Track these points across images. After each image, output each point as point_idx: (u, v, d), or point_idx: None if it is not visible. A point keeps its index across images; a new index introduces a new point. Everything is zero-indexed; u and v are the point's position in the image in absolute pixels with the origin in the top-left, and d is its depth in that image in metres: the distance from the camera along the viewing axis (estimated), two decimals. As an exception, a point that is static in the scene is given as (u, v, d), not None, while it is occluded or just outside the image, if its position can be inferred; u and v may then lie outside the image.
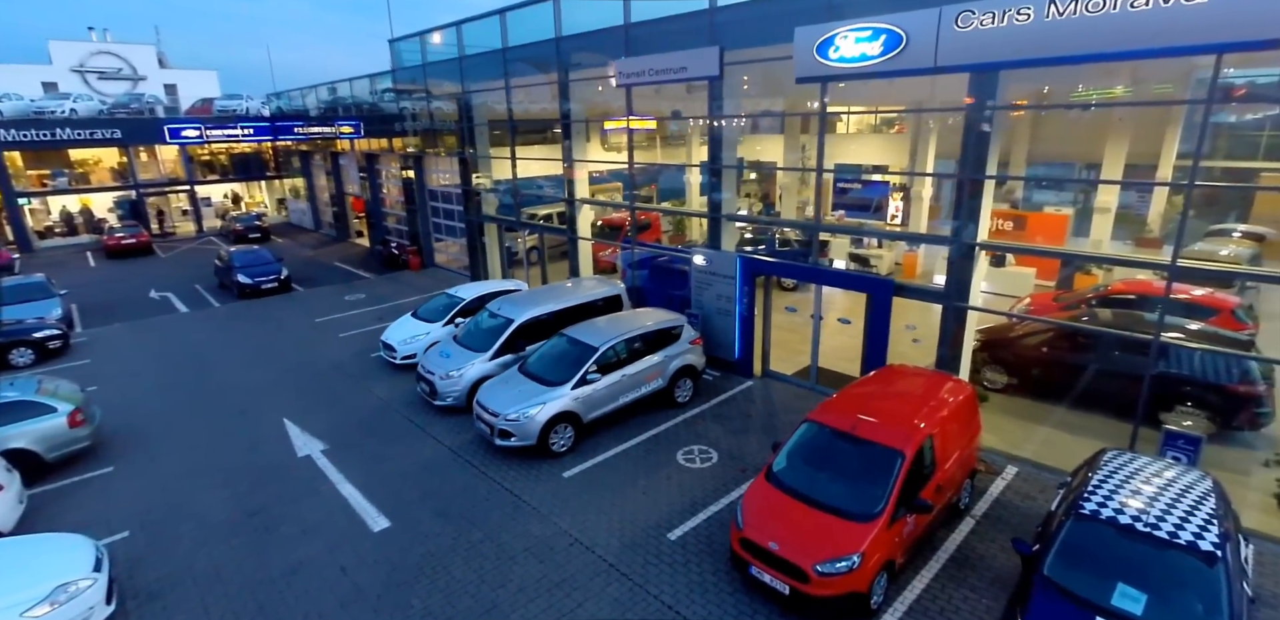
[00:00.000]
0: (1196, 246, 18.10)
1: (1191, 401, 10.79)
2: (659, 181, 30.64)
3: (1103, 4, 8.17)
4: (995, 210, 22.58)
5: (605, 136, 30.50)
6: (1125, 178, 26.72)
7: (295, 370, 15.60)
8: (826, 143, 32.96)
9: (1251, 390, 10.33)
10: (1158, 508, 6.64)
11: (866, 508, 7.40)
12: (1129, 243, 23.91)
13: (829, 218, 31.44)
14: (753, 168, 31.89)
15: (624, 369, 11.82)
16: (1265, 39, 7.33)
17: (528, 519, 9.53)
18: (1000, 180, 10.56)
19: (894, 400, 8.92)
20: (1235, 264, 15.75)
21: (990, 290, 19.30)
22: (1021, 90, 17.35)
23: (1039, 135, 26.11)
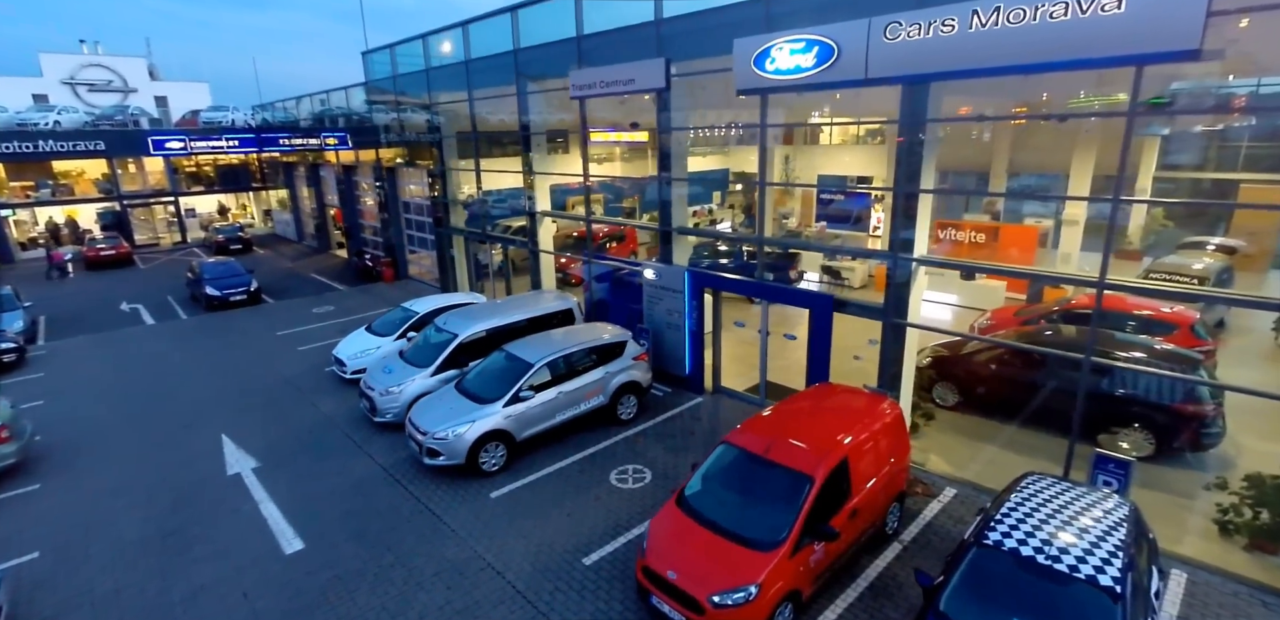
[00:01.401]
0: (1169, 259, 17.81)
1: (1138, 421, 10.48)
2: (644, 193, 30.49)
3: (1023, 15, 7.98)
4: (970, 222, 22.40)
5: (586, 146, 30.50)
6: (1099, 188, 26.53)
7: (246, 384, 15.41)
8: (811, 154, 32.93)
9: (1196, 410, 10.01)
10: (1063, 538, 6.33)
11: (769, 535, 7.12)
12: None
13: (809, 229, 31.33)
14: (696, 178, 31.62)
15: (561, 386, 11.58)
16: (1181, 50, 7.10)
17: (444, 541, 9.26)
18: (936, 193, 10.28)
19: (815, 421, 8.64)
20: (1202, 278, 15.47)
21: (959, 303, 19.07)
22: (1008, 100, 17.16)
23: (1019, 146, 25.91)
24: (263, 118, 35.88)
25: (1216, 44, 10.76)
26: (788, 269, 19.75)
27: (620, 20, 13.74)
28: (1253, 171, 22.83)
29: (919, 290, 10.54)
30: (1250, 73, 14.82)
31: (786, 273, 19.86)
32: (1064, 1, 7.65)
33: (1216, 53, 10.81)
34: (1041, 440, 11.11)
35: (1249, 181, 22.18)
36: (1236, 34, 10.16)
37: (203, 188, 38.01)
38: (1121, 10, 7.31)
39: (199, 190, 37.66)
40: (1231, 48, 11.52)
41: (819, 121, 26.16)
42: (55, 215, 34.91)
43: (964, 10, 8.41)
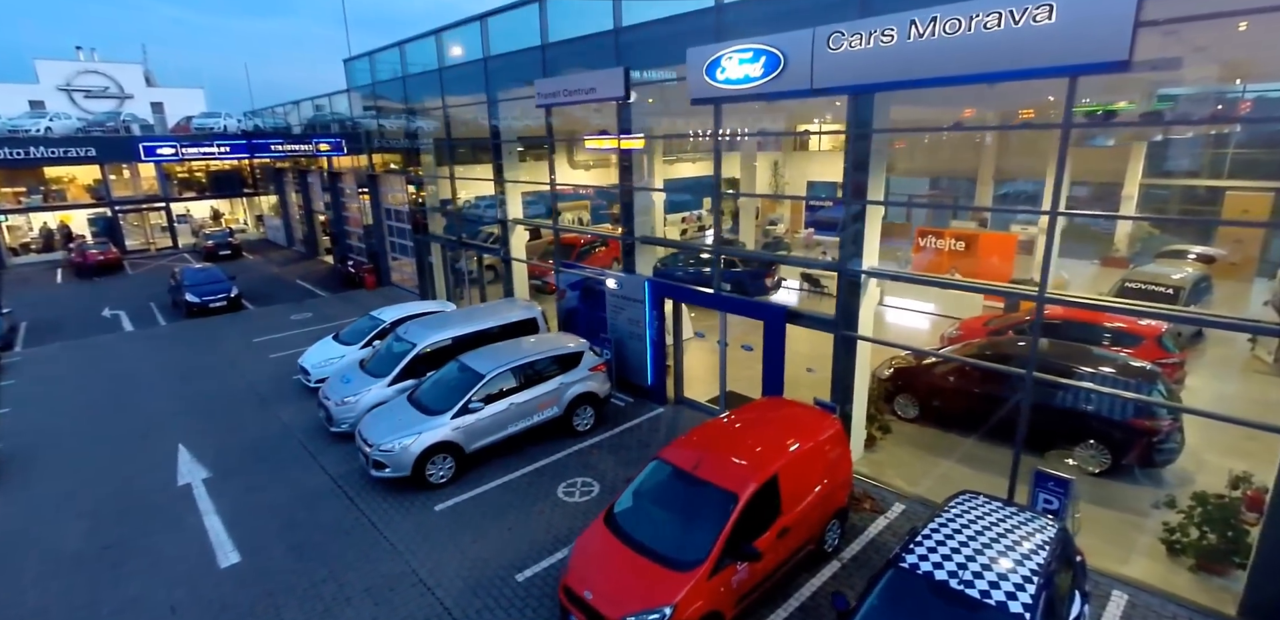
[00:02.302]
0: (1146, 268, 17.59)
1: (1092, 436, 10.30)
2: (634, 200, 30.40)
3: (959, 25, 7.85)
4: (951, 231, 22.24)
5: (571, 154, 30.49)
6: (1084, 195, 26.32)
7: (211, 392, 15.37)
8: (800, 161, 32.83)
9: (1150, 425, 9.81)
10: (980, 562, 6.17)
11: (689, 555, 6.99)
12: (1095, 262, 23.48)
13: (797, 235, 31.12)
14: (686, 185, 31.59)
15: (513, 397, 11.47)
16: (1111, 61, 6.96)
17: (381, 556, 9.16)
18: (884, 205, 10.17)
19: (750, 437, 8.49)
20: (1178, 287, 15.25)
21: (936, 312, 18.87)
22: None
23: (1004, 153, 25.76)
24: (254, 124, 36.04)
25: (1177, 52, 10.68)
26: (764, 276, 19.62)
27: (583, 29, 13.70)
28: (1239, 178, 22.55)
29: (870, 302, 10.39)
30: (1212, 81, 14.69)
31: (763, 281, 19.75)
32: (997, 12, 7.52)
33: (1173, 61, 10.74)
34: (999, 455, 10.89)
35: (1234, 188, 21.91)
36: (1206, 42, 10.07)
37: (195, 193, 38.18)
38: (1052, 21, 7.18)
39: (191, 196, 37.85)
40: (1200, 55, 11.45)
41: (780, 131, 25.88)
42: (50, 221, 35.10)
43: (903, 21, 8.29)
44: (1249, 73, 14.75)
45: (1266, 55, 12.11)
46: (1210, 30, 7.93)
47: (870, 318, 10.51)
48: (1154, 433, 9.83)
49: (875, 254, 10.29)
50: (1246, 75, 15.20)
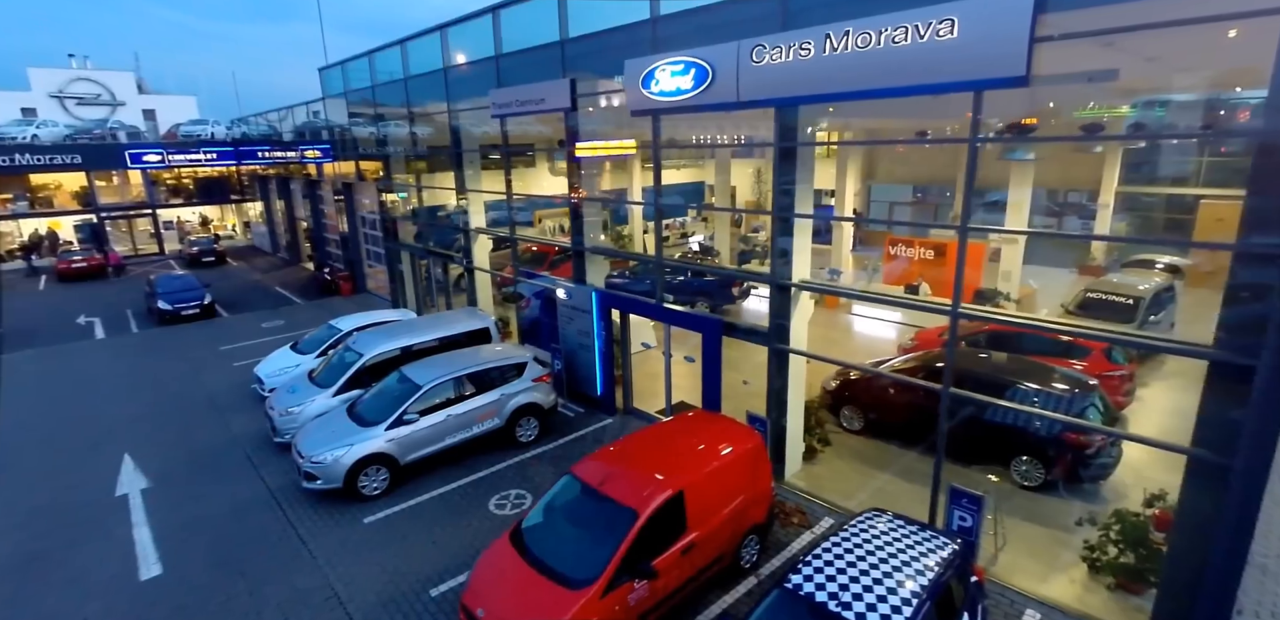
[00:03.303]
0: (1111, 277, 17.46)
1: (1025, 451, 10.21)
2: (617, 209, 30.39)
3: (870, 39, 7.84)
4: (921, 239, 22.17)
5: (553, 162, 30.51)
6: (1049, 204, 26.20)
7: (168, 401, 15.40)
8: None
9: (1081, 440, 9.70)
10: (864, 582, 6.10)
11: (583, 573, 6.93)
12: (1073, 270, 23.31)
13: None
14: (669, 191, 31.57)
15: (451, 408, 11.45)
16: (1009, 77, 6.92)
17: (301, 569, 9.13)
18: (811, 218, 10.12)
19: (663, 452, 8.44)
20: (1139, 297, 15.12)
21: (901, 321, 18.78)
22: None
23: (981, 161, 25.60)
24: (242, 131, 36.24)
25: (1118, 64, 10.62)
26: (730, 285, 19.56)
27: (535, 39, 13.73)
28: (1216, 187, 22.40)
29: (802, 315, 10.33)
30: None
31: (729, 289, 19.69)
32: (905, 26, 7.50)
33: (1110, 73, 10.68)
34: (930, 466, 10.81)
35: (1208, 197, 21.78)
36: (1157, 52, 10.01)
37: (182, 200, 38.39)
38: (955, 37, 7.15)
39: (178, 203, 38.06)
40: (1152, 65, 11.38)
41: (720, 143, 25.75)
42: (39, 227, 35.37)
43: (819, 34, 8.28)
44: (1224, 82, 14.64)
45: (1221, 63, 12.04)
46: (1157, 41, 7.86)
47: (804, 331, 10.46)
48: (1085, 447, 9.73)
49: (806, 266, 10.25)
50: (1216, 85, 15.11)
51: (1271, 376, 6.01)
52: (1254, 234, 5.96)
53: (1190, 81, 15.13)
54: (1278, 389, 6.04)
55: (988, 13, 6.90)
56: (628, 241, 27.16)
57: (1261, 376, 6.03)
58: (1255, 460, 6.26)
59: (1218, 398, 6.45)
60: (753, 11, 9.39)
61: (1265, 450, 6.24)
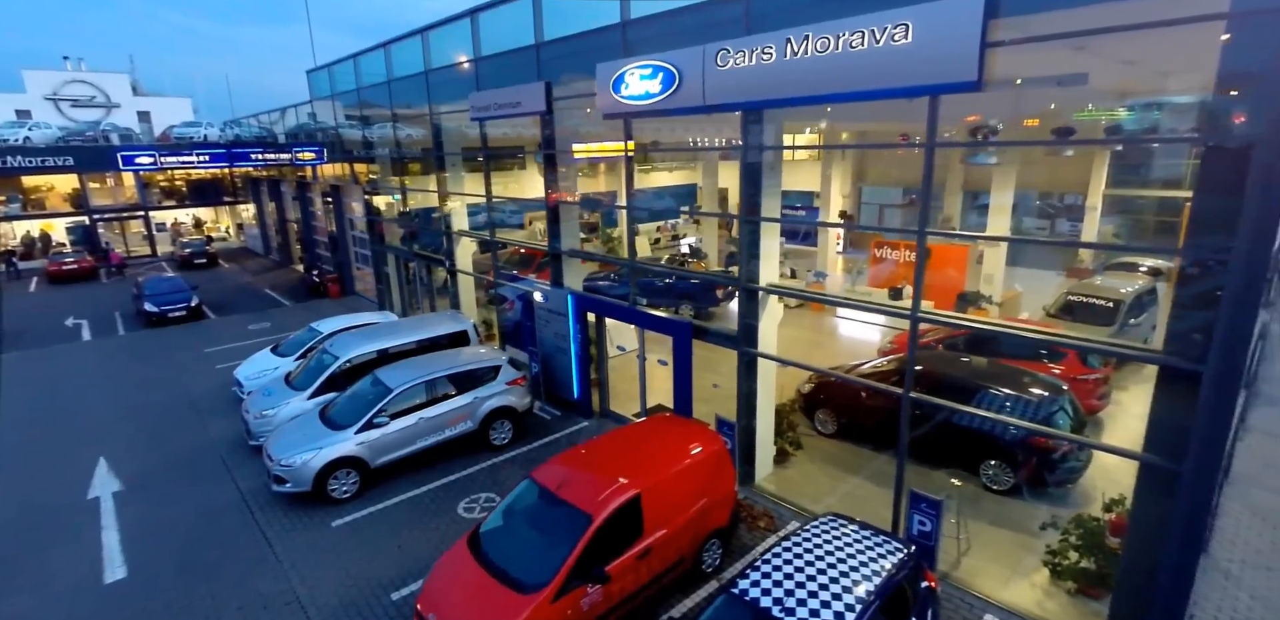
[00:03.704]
0: (1094, 280, 17.44)
1: (994, 455, 10.20)
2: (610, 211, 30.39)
3: (829, 44, 7.84)
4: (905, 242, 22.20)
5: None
6: (1044, 206, 26.17)
7: (148, 404, 15.42)
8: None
9: (1045, 443, 9.69)
10: (809, 588, 6.10)
11: (535, 577, 6.93)
12: (1062, 272, 23.28)
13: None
14: (663, 194, 31.57)
15: (423, 412, 11.45)
16: (962, 81, 6.92)
17: (266, 573, 9.13)
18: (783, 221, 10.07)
19: (623, 456, 8.44)
20: (1119, 301, 15.10)
21: (887, 324, 18.75)
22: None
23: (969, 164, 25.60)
24: (235, 133, 36.25)
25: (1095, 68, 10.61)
26: (715, 288, 19.55)
27: (512, 42, 13.74)
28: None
29: (770, 319, 10.32)
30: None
31: (714, 292, 19.69)
32: (861, 31, 7.50)
33: (1078, 78, 10.68)
34: (909, 472, 10.77)
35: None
36: (1134, 55, 10.02)
37: (175, 202, 38.46)
38: (910, 41, 7.16)
39: (171, 205, 38.13)
40: (1132, 69, 11.37)
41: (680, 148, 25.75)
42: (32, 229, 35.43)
43: (779, 38, 8.29)
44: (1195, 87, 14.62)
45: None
46: (1137, 43, 7.82)
47: (772, 334, 10.44)
48: (1051, 451, 9.72)
49: (774, 270, 10.25)
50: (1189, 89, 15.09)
51: (1218, 382, 6.00)
52: (1199, 240, 5.96)
53: (1167, 85, 15.13)
54: (1225, 395, 6.03)
55: (940, 18, 6.90)
56: (617, 244, 27.19)
57: (1208, 382, 6.03)
58: (1204, 465, 6.24)
59: (1167, 403, 6.44)
60: (719, 15, 9.40)
61: (1213, 456, 6.23)
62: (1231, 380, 5.98)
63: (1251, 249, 5.64)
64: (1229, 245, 5.70)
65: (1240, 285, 5.74)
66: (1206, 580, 8.39)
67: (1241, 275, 5.71)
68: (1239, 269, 5.70)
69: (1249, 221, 5.59)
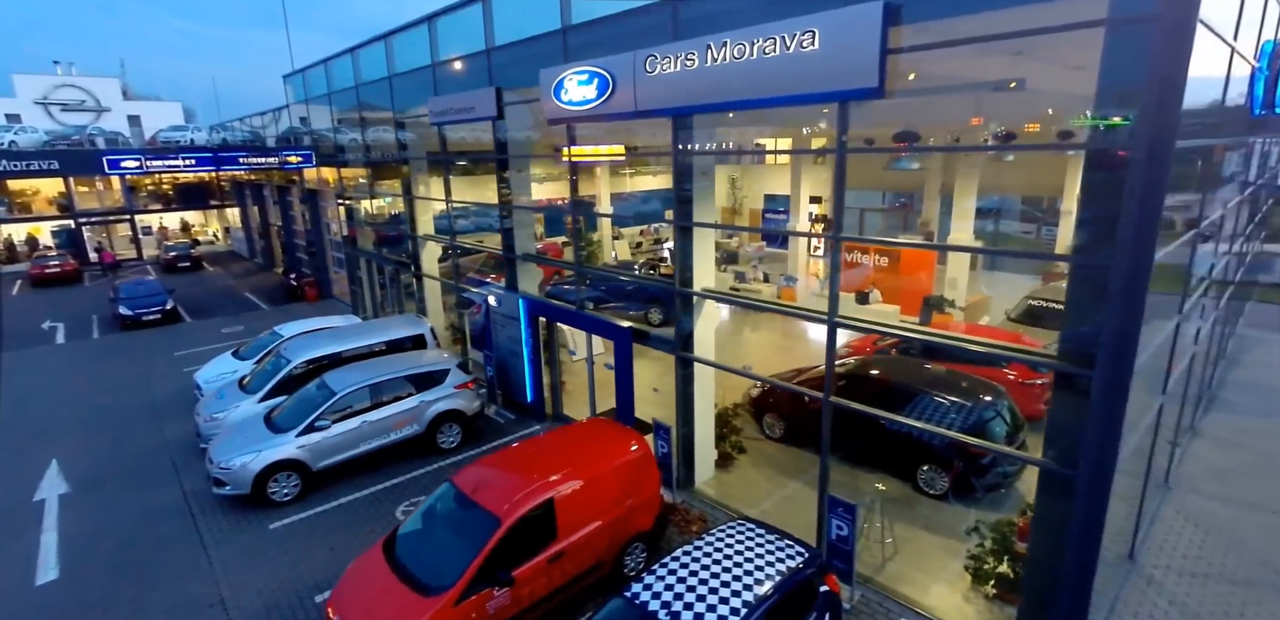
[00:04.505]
0: (1055, 284, 17.46)
1: (928, 459, 10.22)
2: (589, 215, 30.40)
3: (745, 51, 7.90)
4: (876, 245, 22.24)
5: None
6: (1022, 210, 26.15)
7: (110, 406, 15.50)
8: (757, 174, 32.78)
9: (977, 449, 9.68)
10: (698, 593, 6.12)
11: (439, 580, 6.97)
12: (1037, 277, 23.27)
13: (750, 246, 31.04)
14: (646, 197, 31.62)
15: (366, 415, 11.50)
16: (865, 88, 6.97)
17: (195, 575, 9.18)
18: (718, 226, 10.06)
19: (544, 460, 8.45)
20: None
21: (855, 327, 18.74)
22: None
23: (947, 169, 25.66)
24: (222, 137, 36.51)
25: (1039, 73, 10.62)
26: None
27: (466, 47, 13.82)
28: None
29: (706, 323, 10.35)
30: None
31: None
32: (773, 38, 7.56)
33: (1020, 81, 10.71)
34: (848, 476, 10.82)
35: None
36: (1083, 60, 10.04)
37: (161, 206, 38.66)
38: (816, 48, 7.21)
39: (157, 208, 38.32)
40: (1081, 73, 11.40)
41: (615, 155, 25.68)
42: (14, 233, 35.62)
43: (701, 45, 8.35)
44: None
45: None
46: (1082, 48, 7.83)
47: (709, 338, 10.47)
48: (980, 456, 9.72)
49: (710, 275, 10.29)
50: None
51: (1108, 387, 6.03)
52: (1085, 248, 5.99)
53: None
54: (1114, 400, 6.05)
55: (843, 25, 6.96)
56: (596, 248, 27.26)
57: (1098, 387, 6.05)
58: (1098, 471, 6.26)
59: (1062, 409, 6.46)
60: (649, 22, 9.46)
61: (1106, 461, 6.24)
62: (1120, 386, 6.00)
63: (1133, 255, 5.67)
64: (1110, 252, 5.73)
65: (1122, 291, 5.77)
66: (1129, 586, 8.40)
67: (1123, 281, 5.74)
68: (1120, 275, 5.73)
69: (1128, 228, 5.63)
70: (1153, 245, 5.65)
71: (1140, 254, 5.66)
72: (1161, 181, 5.52)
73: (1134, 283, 5.73)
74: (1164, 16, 5.24)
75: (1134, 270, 5.69)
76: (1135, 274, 5.70)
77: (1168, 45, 5.29)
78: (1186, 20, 5.24)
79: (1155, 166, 5.49)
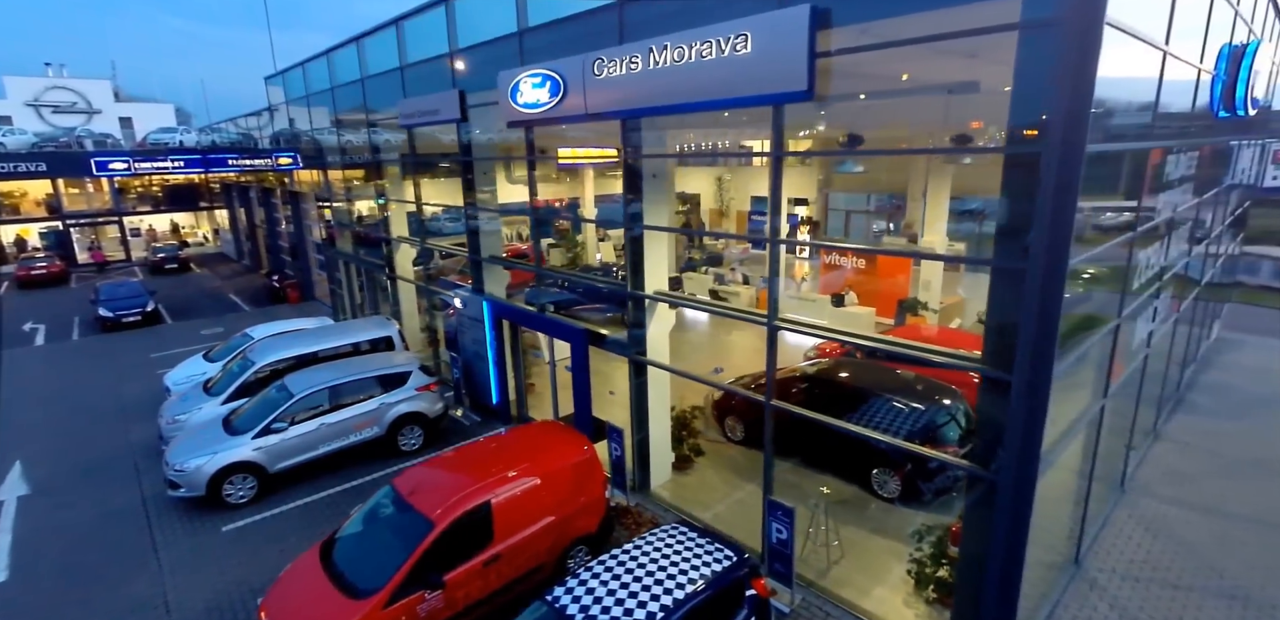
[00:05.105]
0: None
1: (881, 463, 10.20)
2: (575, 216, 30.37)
3: (684, 54, 7.92)
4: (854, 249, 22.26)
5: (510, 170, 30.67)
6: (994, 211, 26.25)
7: (80, 408, 15.53)
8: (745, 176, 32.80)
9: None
10: (618, 596, 6.11)
11: (369, 583, 6.97)
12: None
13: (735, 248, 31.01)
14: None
15: (325, 417, 11.50)
16: (795, 91, 6.97)
17: (144, 577, 9.19)
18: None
19: (487, 463, 8.45)
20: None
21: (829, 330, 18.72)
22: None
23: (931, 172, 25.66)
24: (211, 139, 36.53)
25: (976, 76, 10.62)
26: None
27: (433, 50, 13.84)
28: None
29: (659, 326, 10.34)
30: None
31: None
32: (710, 41, 7.57)
33: (971, 86, 10.72)
34: (806, 478, 10.80)
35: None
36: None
37: (150, 207, 38.75)
38: (750, 51, 7.23)
39: (147, 210, 38.42)
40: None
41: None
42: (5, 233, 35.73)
43: (644, 48, 8.37)
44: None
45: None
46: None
47: (663, 341, 10.47)
48: (929, 459, 9.67)
49: (662, 278, 10.29)
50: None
51: (1026, 390, 6.02)
52: (1002, 251, 5.99)
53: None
54: (1034, 403, 6.04)
55: (773, 28, 6.97)
56: (581, 250, 27.25)
57: (1016, 390, 6.04)
58: (1020, 475, 6.24)
59: (986, 412, 6.45)
60: (598, 24, 9.47)
61: (1028, 465, 6.22)
62: (1038, 389, 5.99)
63: (1046, 259, 5.67)
64: (1026, 255, 5.73)
65: (1038, 295, 5.77)
66: (1071, 590, 8.38)
67: (1039, 285, 5.74)
68: (1035, 279, 5.73)
69: (1041, 232, 5.63)
70: (1066, 249, 5.64)
71: (1054, 257, 5.66)
72: (1072, 185, 5.52)
73: (1049, 286, 5.73)
74: (1070, 20, 5.24)
75: (1048, 274, 5.69)
76: (1050, 277, 5.70)
77: (1075, 49, 5.29)
78: (1093, 24, 5.24)
79: (1066, 170, 5.49)
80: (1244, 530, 9.48)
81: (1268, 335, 19.76)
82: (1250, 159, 17.66)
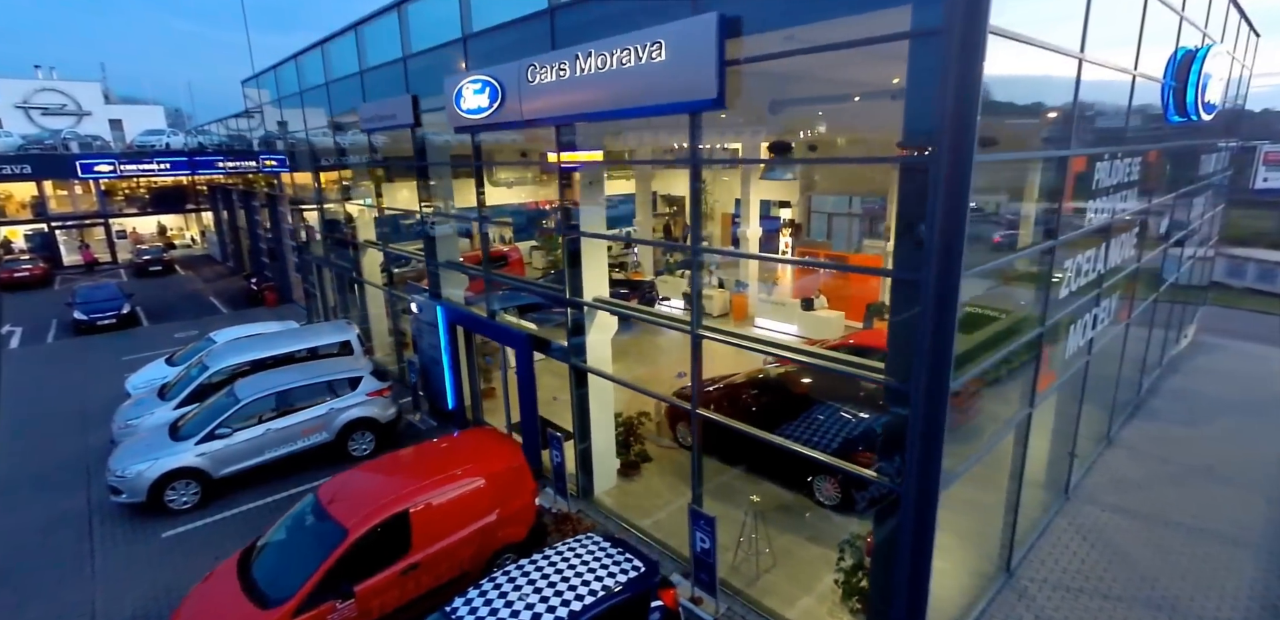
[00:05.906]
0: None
1: (822, 469, 10.15)
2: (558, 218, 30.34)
3: (606, 61, 7.88)
4: (825, 250, 22.27)
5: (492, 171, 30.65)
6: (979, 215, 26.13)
7: (42, 412, 15.55)
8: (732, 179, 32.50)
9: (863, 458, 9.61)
10: (516, 607, 6.08)
11: (279, 593, 6.95)
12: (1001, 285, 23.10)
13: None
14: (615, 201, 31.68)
15: (271, 423, 11.49)
16: (706, 99, 6.94)
17: (76, 585, 9.18)
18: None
19: (412, 470, 8.45)
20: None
21: (800, 334, 18.70)
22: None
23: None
24: (198, 141, 36.66)
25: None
26: (627, 298, 19.55)
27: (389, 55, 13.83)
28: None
29: (599, 332, 10.31)
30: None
31: (648, 295, 19.82)
32: (629, 48, 7.54)
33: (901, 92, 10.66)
34: (751, 485, 10.77)
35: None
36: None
37: (137, 210, 38.84)
38: (664, 59, 7.20)
39: (133, 212, 38.51)
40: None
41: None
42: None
43: (571, 55, 8.34)
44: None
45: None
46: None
47: (604, 348, 10.43)
48: (867, 466, 9.62)
49: (602, 284, 10.26)
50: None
51: (924, 399, 5.98)
52: (900, 262, 5.96)
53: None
54: (931, 413, 6.00)
55: (684, 36, 6.94)
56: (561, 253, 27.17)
57: (914, 399, 6.01)
58: (920, 485, 6.21)
59: (890, 422, 6.41)
60: (533, 31, 9.45)
61: (928, 476, 6.18)
62: (936, 398, 5.94)
63: (940, 269, 5.63)
64: (920, 265, 5.70)
65: (934, 304, 5.73)
66: (998, 601, 8.32)
67: (934, 295, 5.70)
68: (930, 289, 5.69)
69: (932, 241, 5.59)
70: (959, 258, 5.60)
71: (947, 267, 5.62)
72: (962, 193, 5.47)
73: (943, 296, 5.69)
74: (954, 29, 5.20)
75: (941, 283, 5.65)
76: (944, 287, 5.66)
77: (960, 58, 5.25)
78: (977, 33, 5.20)
79: (955, 179, 5.45)
80: (1182, 539, 9.41)
81: (1247, 339, 19.62)
82: (1217, 162, 17.55)
